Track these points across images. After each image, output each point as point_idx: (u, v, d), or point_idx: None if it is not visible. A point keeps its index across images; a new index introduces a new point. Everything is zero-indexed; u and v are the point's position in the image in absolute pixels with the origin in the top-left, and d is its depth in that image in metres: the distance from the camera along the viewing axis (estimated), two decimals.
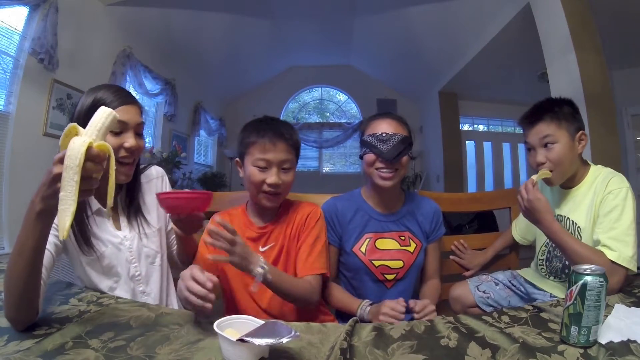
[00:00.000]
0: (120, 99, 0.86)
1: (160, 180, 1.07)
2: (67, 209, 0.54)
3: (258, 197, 1.00)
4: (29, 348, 0.57)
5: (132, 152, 0.87)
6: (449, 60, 4.75)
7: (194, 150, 5.56)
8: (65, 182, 0.53)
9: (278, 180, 0.97)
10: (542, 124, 1.03)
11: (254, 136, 0.99)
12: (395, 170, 1.07)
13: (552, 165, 1.03)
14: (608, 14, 2.83)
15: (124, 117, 0.84)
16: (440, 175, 5.52)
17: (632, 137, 4.07)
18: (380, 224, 1.14)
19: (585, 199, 1.03)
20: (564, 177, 1.05)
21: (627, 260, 0.87)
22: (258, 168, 0.97)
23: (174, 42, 4.32)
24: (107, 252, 0.89)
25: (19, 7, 2.49)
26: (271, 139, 0.97)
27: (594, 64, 2.38)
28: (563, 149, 1.01)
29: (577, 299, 0.60)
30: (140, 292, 0.95)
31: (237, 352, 0.54)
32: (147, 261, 0.97)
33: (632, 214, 0.93)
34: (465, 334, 0.65)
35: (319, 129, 6.95)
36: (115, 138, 0.84)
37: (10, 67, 2.49)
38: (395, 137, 1.06)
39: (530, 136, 1.07)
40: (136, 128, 0.88)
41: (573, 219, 1.05)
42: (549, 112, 1.04)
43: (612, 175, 1.00)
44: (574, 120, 1.04)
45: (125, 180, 0.89)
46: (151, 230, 0.99)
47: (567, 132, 1.02)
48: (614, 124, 2.37)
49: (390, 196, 1.15)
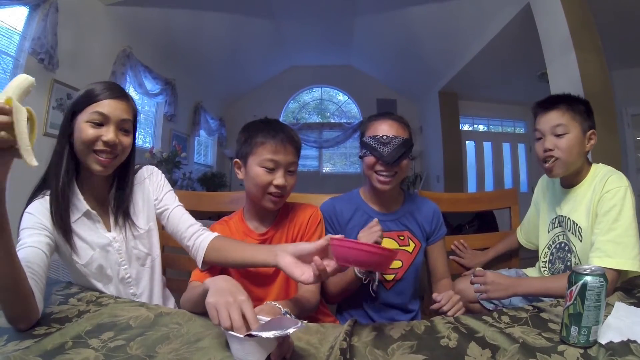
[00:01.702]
0: (108, 91, 0.86)
1: (149, 180, 1.03)
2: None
3: (262, 199, 0.98)
4: (28, 347, 0.57)
5: (111, 147, 0.85)
6: (449, 60, 4.75)
7: (194, 150, 5.57)
8: None
9: (285, 182, 0.96)
10: (557, 112, 1.02)
11: (262, 137, 0.97)
12: (394, 173, 1.06)
13: (560, 152, 1.01)
14: (608, 14, 2.83)
15: (104, 109, 0.84)
16: (440, 175, 5.52)
17: (632, 137, 4.07)
18: (380, 223, 1.13)
19: (585, 198, 1.02)
20: (568, 169, 1.03)
21: (630, 263, 0.86)
22: (266, 169, 0.96)
23: (174, 42, 4.32)
24: (95, 255, 0.89)
25: (19, 7, 2.50)
26: (282, 141, 0.96)
27: (594, 63, 2.38)
28: (573, 140, 1.00)
29: (577, 299, 0.60)
30: (131, 294, 0.94)
31: (246, 348, 0.54)
32: (138, 263, 0.96)
33: (631, 213, 0.91)
34: (465, 334, 0.65)
35: (319, 129, 6.95)
36: (94, 129, 0.83)
37: (10, 67, 2.49)
38: (396, 140, 1.05)
39: (542, 123, 1.05)
40: (120, 123, 0.87)
41: (574, 219, 1.04)
42: (566, 102, 1.03)
43: (611, 173, 0.99)
44: (587, 119, 1.03)
45: (101, 171, 0.86)
46: (139, 232, 0.97)
47: (579, 126, 1.01)
48: (614, 124, 2.38)
49: (389, 197, 1.15)
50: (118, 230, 0.94)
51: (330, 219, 1.13)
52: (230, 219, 1.09)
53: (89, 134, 0.83)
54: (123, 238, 0.94)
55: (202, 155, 6.07)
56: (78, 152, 0.85)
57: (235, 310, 0.61)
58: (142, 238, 0.98)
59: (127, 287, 0.94)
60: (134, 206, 0.98)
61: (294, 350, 0.60)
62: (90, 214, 0.90)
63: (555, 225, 1.13)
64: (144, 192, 1.01)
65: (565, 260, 1.06)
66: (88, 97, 0.85)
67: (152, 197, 1.01)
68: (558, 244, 1.12)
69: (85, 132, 0.83)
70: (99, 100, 0.84)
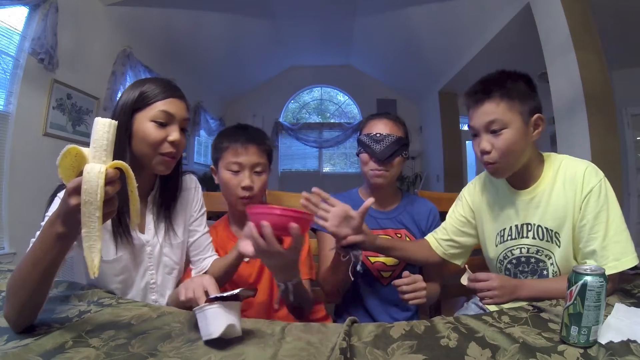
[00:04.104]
0: (168, 91, 0.83)
1: (193, 192, 1.00)
2: (93, 245, 0.51)
3: (235, 202, 1.04)
4: (27, 344, 0.57)
5: (176, 146, 0.83)
6: (449, 60, 4.75)
7: (194, 150, 5.57)
8: (86, 218, 0.50)
9: (251, 182, 1.01)
10: (490, 104, 0.85)
11: (226, 141, 1.03)
12: (387, 170, 1.09)
13: (498, 155, 0.86)
14: (608, 14, 2.83)
15: (171, 109, 0.82)
16: (440, 175, 5.52)
17: (632, 137, 4.07)
18: (377, 221, 1.16)
19: (553, 198, 0.89)
20: (513, 168, 0.89)
21: (631, 260, 0.81)
22: (231, 172, 1.01)
23: (174, 42, 4.32)
24: (123, 255, 0.84)
25: (19, 7, 2.49)
26: (243, 143, 1.01)
27: (594, 64, 2.38)
28: (513, 136, 0.84)
29: (577, 299, 0.60)
30: (153, 301, 0.90)
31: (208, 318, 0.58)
32: (165, 271, 0.92)
33: (617, 207, 0.84)
34: (465, 334, 0.65)
35: (319, 129, 6.95)
36: (159, 130, 0.81)
37: (10, 67, 2.49)
38: (389, 138, 1.08)
39: (475, 118, 0.88)
40: (182, 123, 0.85)
41: (547, 226, 0.91)
42: (500, 89, 0.85)
43: (583, 165, 0.88)
44: (530, 100, 0.86)
45: (164, 171, 0.85)
46: (177, 241, 0.93)
47: (519, 116, 0.85)
48: (614, 124, 2.37)
49: (386, 194, 1.17)
50: (152, 234, 0.90)
51: None
52: (218, 224, 1.14)
53: (155, 135, 0.80)
54: (156, 242, 0.90)
55: (202, 155, 6.07)
56: (138, 151, 0.82)
57: (197, 287, 0.68)
58: (176, 247, 0.94)
59: (150, 293, 0.90)
60: (175, 214, 0.94)
61: (294, 349, 0.60)
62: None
63: (506, 238, 0.97)
64: (186, 203, 0.97)
65: (539, 271, 0.94)
66: (149, 95, 0.81)
67: (191, 210, 0.99)
68: (516, 259, 0.96)
69: (151, 132, 0.80)
70: (163, 99, 0.81)
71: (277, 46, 5.62)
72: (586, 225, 0.85)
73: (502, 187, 0.98)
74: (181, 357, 0.56)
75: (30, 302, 0.60)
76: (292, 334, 0.66)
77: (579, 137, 2.32)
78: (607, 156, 2.24)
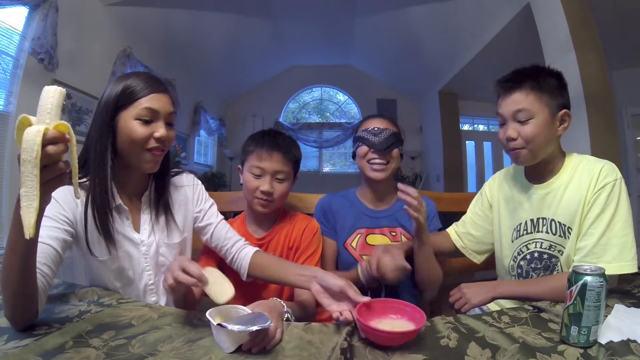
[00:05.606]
0: (151, 86, 0.81)
1: (192, 189, 0.99)
2: (30, 205, 0.50)
3: (252, 202, 1.06)
4: (27, 345, 0.57)
5: (162, 142, 0.82)
6: (449, 60, 4.75)
7: (194, 150, 5.57)
8: (25, 177, 0.49)
9: (270, 188, 1.03)
10: (520, 93, 0.88)
11: (253, 145, 1.06)
12: (386, 162, 1.12)
13: (524, 142, 0.88)
14: (608, 13, 2.83)
15: (155, 105, 0.80)
16: (440, 175, 5.51)
17: (632, 137, 4.07)
18: (372, 220, 1.18)
19: (567, 193, 0.89)
20: (536, 157, 0.91)
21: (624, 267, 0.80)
22: (253, 175, 1.04)
23: (174, 42, 4.32)
24: (118, 253, 0.83)
25: (19, 7, 2.49)
26: (268, 149, 1.03)
27: (594, 63, 2.38)
28: (539, 127, 0.87)
29: (577, 299, 0.60)
30: (153, 302, 0.88)
31: (219, 336, 0.60)
32: (162, 271, 0.90)
33: (626, 211, 0.83)
34: (465, 334, 0.65)
35: (319, 129, 6.95)
36: (144, 127, 0.79)
37: (10, 67, 2.49)
38: (386, 131, 1.12)
39: (504, 106, 0.91)
40: (167, 117, 0.83)
41: (560, 221, 0.90)
42: (531, 80, 0.88)
43: (602, 163, 0.88)
44: (559, 96, 0.88)
45: (151, 169, 0.83)
46: (173, 241, 0.92)
47: (547, 108, 0.87)
48: (614, 124, 2.37)
49: (383, 191, 1.19)
50: (148, 234, 0.88)
51: (325, 212, 1.20)
52: (234, 221, 1.16)
53: (141, 133, 0.78)
54: (152, 242, 0.88)
55: (202, 155, 6.07)
56: (124, 150, 0.80)
57: (176, 270, 0.68)
58: (174, 248, 0.92)
59: (149, 295, 0.89)
60: (172, 215, 0.93)
61: (295, 349, 0.60)
62: (120, 209, 0.85)
63: (522, 233, 0.98)
64: (184, 201, 0.96)
65: (551, 267, 0.93)
66: (132, 92, 0.79)
67: (193, 208, 0.97)
68: (530, 254, 0.96)
69: (136, 130, 0.78)
70: (146, 95, 0.79)
71: (277, 46, 5.61)
72: (589, 219, 0.85)
73: (520, 180, 1.00)
74: (181, 357, 0.56)
75: (19, 291, 0.59)
76: (293, 334, 0.66)
77: (579, 136, 2.31)
78: (607, 156, 2.21)
